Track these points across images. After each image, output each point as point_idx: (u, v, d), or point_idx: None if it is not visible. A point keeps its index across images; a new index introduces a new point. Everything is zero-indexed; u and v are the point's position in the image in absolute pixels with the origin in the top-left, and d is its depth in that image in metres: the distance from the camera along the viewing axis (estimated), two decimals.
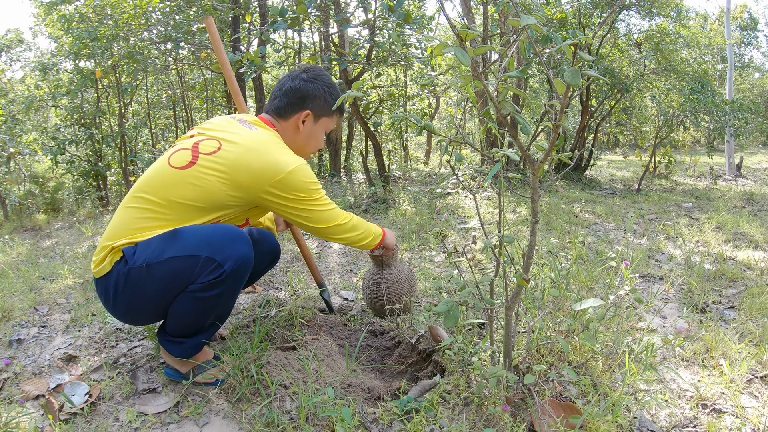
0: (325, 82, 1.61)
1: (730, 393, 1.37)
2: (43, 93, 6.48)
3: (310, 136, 1.63)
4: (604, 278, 1.90)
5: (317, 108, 1.59)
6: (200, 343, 1.45)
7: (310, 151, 1.67)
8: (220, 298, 1.34)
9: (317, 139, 1.65)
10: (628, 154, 10.49)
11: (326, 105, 1.60)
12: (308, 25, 5.67)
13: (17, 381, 1.54)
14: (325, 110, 1.61)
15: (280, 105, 1.58)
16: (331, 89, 1.61)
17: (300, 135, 1.61)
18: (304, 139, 1.62)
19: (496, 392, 1.27)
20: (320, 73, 1.61)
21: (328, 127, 1.66)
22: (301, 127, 1.59)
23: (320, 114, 1.60)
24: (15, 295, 2.36)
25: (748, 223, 3.49)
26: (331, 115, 1.63)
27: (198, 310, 1.34)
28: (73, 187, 6.01)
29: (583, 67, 0.98)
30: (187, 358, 1.43)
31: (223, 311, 1.43)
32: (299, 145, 1.62)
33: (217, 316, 1.41)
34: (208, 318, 1.38)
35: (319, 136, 1.65)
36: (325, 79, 1.62)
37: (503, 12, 4.75)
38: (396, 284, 1.89)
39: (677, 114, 5.52)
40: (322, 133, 1.66)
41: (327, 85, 1.61)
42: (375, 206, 4.10)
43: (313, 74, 1.60)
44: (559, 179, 5.58)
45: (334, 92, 1.62)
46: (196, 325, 1.39)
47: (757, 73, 17.75)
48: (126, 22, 5.39)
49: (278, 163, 1.38)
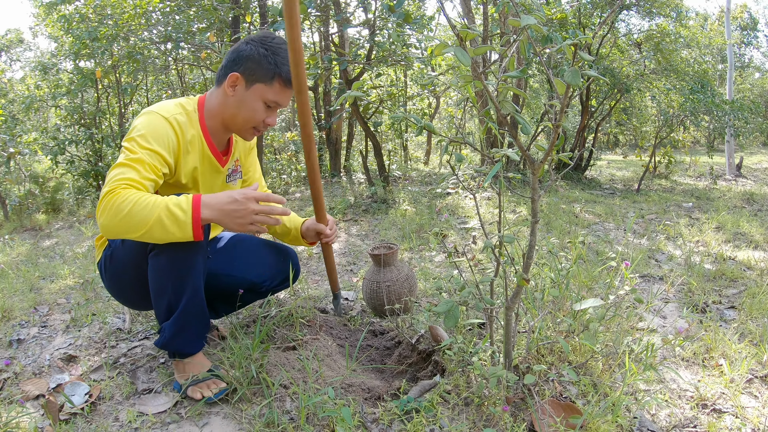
0: (266, 44, 1.41)
1: (730, 393, 1.37)
2: (43, 93, 6.48)
3: (241, 103, 1.42)
4: (604, 278, 1.90)
5: (248, 71, 1.39)
6: (179, 339, 1.38)
7: (243, 123, 1.46)
8: (173, 257, 1.30)
9: (251, 109, 1.43)
10: (628, 154, 10.49)
11: (260, 68, 1.39)
12: (308, 25, 5.67)
13: (17, 381, 1.54)
14: (259, 74, 1.39)
15: (218, 71, 1.46)
16: (270, 52, 1.39)
17: (228, 101, 1.43)
18: (233, 106, 1.43)
19: (496, 392, 1.27)
20: (265, 36, 1.43)
21: (266, 97, 1.42)
22: (229, 91, 1.42)
23: (253, 78, 1.40)
24: (15, 295, 2.36)
25: (748, 223, 3.49)
26: (268, 82, 1.40)
27: (156, 273, 1.33)
28: (73, 187, 6.01)
29: (583, 67, 0.98)
30: (166, 348, 1.40)
31: (181, 274, 1.32)
32: (229, 113, 1.45)
33: (177, 283, 1.33)
34: (166, 283, 1.33)
35: (253, 104, 1.43)
36: (268, 42, 1.41)
37: (503, 12, 4.75)
38: (396, 283, 1.89)
39: (677, 114, 5.52)
40: (257, 103, 1.42)
41: (266, 47, 1.40)
42: (375, 206, 4.10)
43: (257, 37, 1.43)
44: (559, 179, 5.58)
45: (277, 58, 1.39)
46: (160, 291, 1.34)
47: (757, 73, 17.75)
48: (126, 22, 5.39)
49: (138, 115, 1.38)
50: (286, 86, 1.43)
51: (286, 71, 1.40)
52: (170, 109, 1.40)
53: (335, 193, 5.17)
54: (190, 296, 1.35)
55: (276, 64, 1.39)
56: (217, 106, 1.46)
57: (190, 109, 1.46)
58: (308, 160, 1.59)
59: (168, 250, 1.30)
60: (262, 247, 1.75)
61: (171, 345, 1.40)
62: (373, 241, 3.21)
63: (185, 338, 1.40)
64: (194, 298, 1.37)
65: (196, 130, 1.46)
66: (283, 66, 1.40)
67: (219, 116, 1.48)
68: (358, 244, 3.15)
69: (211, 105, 1.48)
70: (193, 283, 1.35)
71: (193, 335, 1.41)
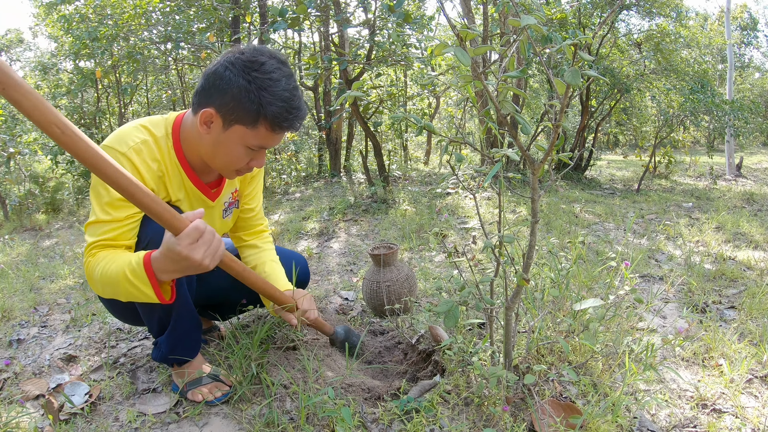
0: (250, 74, 1.10)
1: (730, 393, 1.37)
2: (43, 93, 6.48)
3: (218, 145, 1.17)
4: (604, 278, 1.90)
5: (226, 107, 1.12)
6: (176, 349, 1.34)
7: (223, 167, 1.23)
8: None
9: (229, 153, 1.18)
10: (628, 154, 10.50)
11: (240, 107, 1.11)
12: (308, 25, 5.67)
13: (17, 381, 1.54)
14: (239, 114, 1.12)
15: (193, 94, 1.20)
16: (254, 86, 1.09)
17: (204, 139, 1.19)
18: (208, 146, 1.19)
19: (496, 392, 1.27)
20: (251, 61, 1.11)
21: (248, 141, 1.16)
22: (202, 129, 1.16)
23: (231, 118, 1.13)
24: (15, 295, 2.36)
25: (748, 223, 3.49)
26: (251, 126, 1.13)
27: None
28: (73, 187, 6.01)
29: (583, 67, 0.98)
30: (163, 362, 1.38)
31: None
32: (205, 152, 1.21)
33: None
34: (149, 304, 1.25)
35: (233, 148, 1.17)
36: (254, 70, 1.10)
37: (503, 12, 4.75)
38: (396, 283, 1.89)
39: (677, 114, 5.52)
40: (237, 147, 1.17)
41: (249, 79, 1.09)
42: (375, 206, 4.10)
43: (241, 60, 1.11)
44: (559, 179, 5.58)
45: (263, 94, 1.10)
46: (149, 310, 1.28)
47: (757, 73, 17.76)
48: (126, 22, 5.39)
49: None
50: (274, 130, 1.15)
51: (275, 111, 1.12)
52: (127, 138, 1.18)
53: (335, 193, 5.17)
54: (180, 309, 1.30)
55: (261, 104, 1.11)
56: (193, 139, 1.22)
57: (159, 135, 1.23)
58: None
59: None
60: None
61: (169, 359, 1.37)
62: (373, 241, 3.21)
63: (183, 348, 1.37)
64: (184, 310, 1.31)
65: (171, 161, 1.24)
66: (270, 106, 1.11)
67: (196, 151, 1.25)
68: (358, 244, 3.15)
69: (187, 134, 1.24)
70: (181, 296, 1.28)
71: (190, 342, 1.38)
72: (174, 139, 1.24)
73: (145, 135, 1.20)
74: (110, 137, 1.18)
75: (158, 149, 1.22)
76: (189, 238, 0.99)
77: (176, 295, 1.23)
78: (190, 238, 0.99)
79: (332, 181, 5.90)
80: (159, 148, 1.22)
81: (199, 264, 1.01)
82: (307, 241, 3.35)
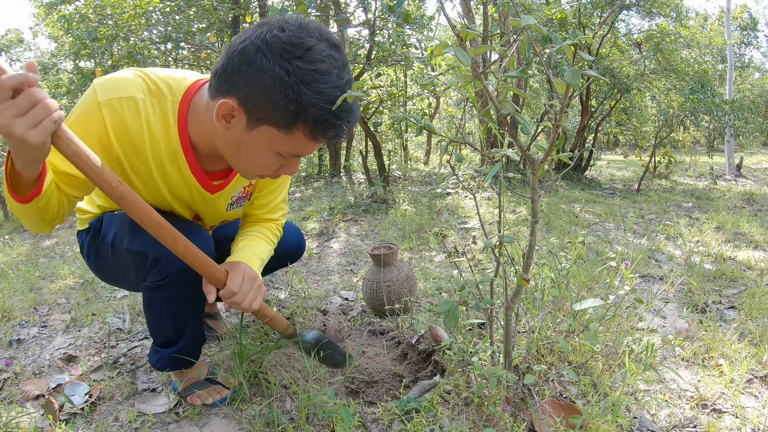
0: (292, 60, 0.84)
1: (730, 393, 1.37)
2: None
3: (238, 146, 0.95)
4: (604, 278, 1.90)
5: (252, 102, 0.87)
6: (174, 359, 1.30)
7: (243, 169, 1.02)
8: (172, 302, 1.16)
9: (253, 158, 0.96)
10: (628, 154, 10.50)
11: (271, 104, 0.86)
12: None
13: (17, 381, 1.54)
14: (269, 113, 0.87)
15: (212, 73, 0.94)
16: (294, 78, 0.84)
17: (220, 136, 0.96)
18: (227, 144, 0.97)
19: (496, 392, 1.27)
20: (294, 44, 0.84)
21: (279, 147, 0.93)
22: (220, 124, 0.92)
23: (259, 117, 0.89)
24: (15, 295, 2.36)
25: (748, 223, 3.49)
26: (285, 129, 0.89)
27: (153, 310, 1.20)
28: None
29: (583, 67, 0.98)
30: (161, 370, 1.37)
31: (182, 319, 1.21)
32: (222, 148, 0.99)
33: (177, 324, 1.21)
34: (165, 322, 1.22)
35: (257, 153, 0.95)
36: (296, 55, 0.84)
37: (503, 12, 4.75)
38: (396, 283, 1.89)
39: (677, 114, 5.52)
40: (264, 153, 0.95)
41: (288, 68, 0.84)
42: (375, 206, 4.10)
43: (279, 40, 0.84)
44: (559, 179, 5.58)
45: (303, 90, 0.85)
46: (159, 328, 1.24)
47: (757, 73, 17.77)
48: (126, 22, 5.39)
49: None
50: (314, 138, 0.91)
51: (318, 115, 0.87)
52: (116, 88, 0.95)
53: (335, 193, 5.17)
54: (191, 335, 1.29)
55: (300, 103, 0.86)
56: (206, 124, 0.99)
57: (162, 98, 0.99)
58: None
59: (168, 299, 1.14)
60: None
61: (163, 367, 1.34)
62: (373, 241, 3.21)
63: (185, 362, 1.34)
64: (195, 335, 1.30)
65: (167, 137, 1.02)
66: (312, 107, 0.86)
67: (206, 136, 1.01)
68: (358, 244, 3.15)
69: (199, 115, 1.00)
70: (195, 325, 1.27)
71: (192, 354, 1.35)
72: (180, 112, 1.00)
73: (139, 93, 0.97)
74: (107, 78, 0.97)
75: (153, 114, 0.98)
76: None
77: (191, 325, 1.18)
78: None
79: (332, 181, 5.90)
80: (154, 113, 0.98)
81: (15, 135, 0.72)
82: (307, 241, 3.35)
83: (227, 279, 1.06)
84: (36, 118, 0.73)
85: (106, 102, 0.94)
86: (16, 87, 0.71)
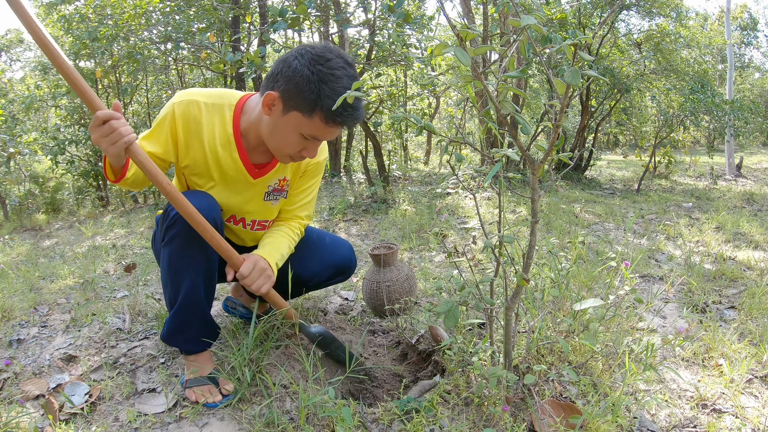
0: (315, 66, 1.19)
1: (730, 393, 1.37)
2: (43, 93, 6.48)
3: (275, 128, 1.28)
4: (604, 278, 1.90)
5: (288, 93, 1.22)
6: (177, 328, 1.39)
7: (276, 149, 1.33)
8: (172, 245, 1.31)
9: (284, 138, 1.28)
10: (628, 154, 10.50)
11: (300, 94, 1.20)
12: (308, 25, 5.67)
13: (17, 381, 1.53)
14: (298, 101, 1.21)
15: (266, 75, 1.31)
16: (316, 78, 1.19)
17: (263, 121, 1.31)
18: (267, 127, 1.30)
19: (496, 392, 1.27)
20: (320, 56, 1.21)
21: (303, 129, 1.26)
22: (264, 110, 1.27)
23: (291, 104, 1.22)
24: (15, 295, 2.36)
25: (748, 223, 3.49)
26: (307, 114, 1.22)
27: (162, 267, 1.38)
28: (73, 187, 6.02)
29: (583, 67, 0.98)
30: (166, 341, 1.43)
31: (179, 267, 1.33)
32: (263, 132, 1.33)
33: (175, 277, 1.33)
34: (167, 277, 1.35)
35: (288, 134, 1.27)
36: (319, 63, 1.20)
37: (503, 12, 4.75)
38: (396, 283, 1.89)
39: (677, 114, 5.52)
40: (292, 134, 1.27)
41: (313, 71, 1.19)
42: (375, 206, 4.10)
43: (311, 53, 1.22)
44: (559, 179, 5.58)
45: (323, 87, 1.19)
46: (165, 285, 1.39)
47: (757, 73, 17.76)
48: (126, 22, 5.39)
49: None
50: (327, 123, 1.23)
51: (331, 105, 1.19)
52: (187, 94, 1.35)
53: (335, 193, 5.17)
54: (187, 293, 1.35)
55: (319, 95, 1.19)
56: (255, 117, 1.34)
57: (221, 103, 1.36)
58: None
59: (171, 244, 1.32)
60: (314, 241, 1.71)
61: (170, 341, 1.43)
62: (373, 241, 3.21)
63: (184, 337, 1.42)
64: (192, 295, 1.35)
65: (223, 131, 1.36)
66: (327, 99, 1.19)
67: (255, 129, 1.36)
68: (358, 244, 3.15)
69: (250, 111, 1.36)
70: (192, 279, 1.34)
71: (193, 335, 1.41)
72: (236, 112, 1.37)
73: (202, 98, 1.34)
74: (181, 92, 1.36)
75: (212, 111, 1.35)
76: (94, 122, 1.14)
77: (187, 276, 1.33)
78: (94, 122, 1.13)
79: (332, 181, 5.90)
80: (213, 111, 1.35)
81: (101, 148, 1.16)
82: None
83: (242, 265, 1.34)
84: (113, 139, 1.13)
85: (178, 102, 1.33)
86: (105, 119, 1.12)
